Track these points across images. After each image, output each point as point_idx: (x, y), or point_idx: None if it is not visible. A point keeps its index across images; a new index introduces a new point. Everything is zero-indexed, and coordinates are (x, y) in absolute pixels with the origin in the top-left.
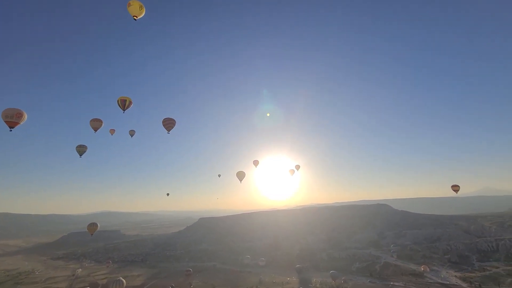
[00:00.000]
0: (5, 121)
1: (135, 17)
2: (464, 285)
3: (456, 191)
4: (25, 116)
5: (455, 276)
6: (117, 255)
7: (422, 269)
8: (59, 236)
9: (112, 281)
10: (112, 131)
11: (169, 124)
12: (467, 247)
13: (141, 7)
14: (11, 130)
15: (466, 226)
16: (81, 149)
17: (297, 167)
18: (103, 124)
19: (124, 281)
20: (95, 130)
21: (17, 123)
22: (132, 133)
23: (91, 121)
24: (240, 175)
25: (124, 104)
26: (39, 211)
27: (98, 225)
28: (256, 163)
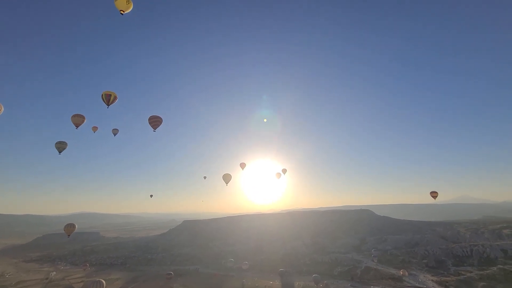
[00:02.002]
0: None
1: (122, 11)
2: None
3: (435, 197)
4: (2, 109)
5: (432, 280)
6: (95, 258)
7: (401, 273)
8: (34, 237)
9: (92, 282)
10: (95, 129)
11: (155, 122)
12: (443, 252)
13: (128, 1)
14: None
15: (443, 232)
16: (60, 146)
17: (284, 170)
18: (85, 120)
19: (104, 282)
20: (77, 127)
21: None
22: (115, 131)
23: (72, 116)
24: (226, 178)
25: (108, 99)
26: (12, 211)
27: (76, 226)
28: (243, 165)
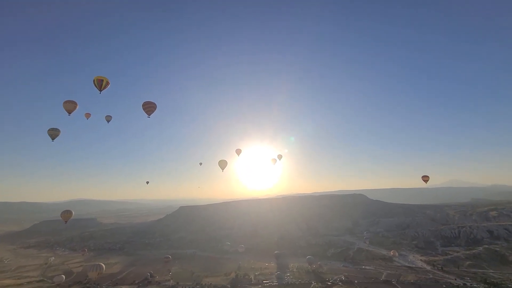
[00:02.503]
0: None
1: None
2: (428, 267)
3: (426, 181)
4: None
5: (421, 260)
6: (93, 243)
7: (392, 254)
8: (30, 224)
9: (91, 265)
10: (88, 115)
11: (149, 108)
12: (432, 233)
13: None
14: None
15: (433, 214)
16: (53, 133)
17: (279, 156)
18: (77, 107)
19: (103, 265)
20: (69, 113)
21: None
22: (108, 118)
23: (64, 103)
24: (222, 164)
25: (100, 84)
26: (7, 199)
27: (73, 212)
28: (238, 152)
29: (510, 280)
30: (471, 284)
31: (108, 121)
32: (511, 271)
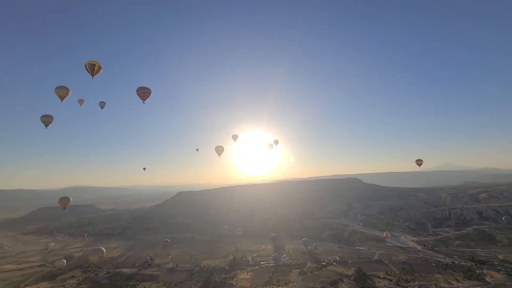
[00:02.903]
0: None
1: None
2: (419, 247)
3: (420, 165)
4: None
5: (412, 240)
6: (92, 229)
7: (384, 235)
8: (28, 211)
9: (92, 249)
10: (81, 101)
11: (144, 93)
12: (424, 215)
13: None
14: None
15: (425, 197)
16: (46, 120)
17: (276, 142)
18: (70, 93)
19: (104, 249)
20: (62, 99)
21: None
22: (102, 104)
23: (56, 88)
24: (219, 150)
25: (92, 69)
26: (3, 186)
27: (71, 199)
28: (235, 137)
29: (496, 258)
30: (459, 262)
31: (102, 107)
32: (497, 249)
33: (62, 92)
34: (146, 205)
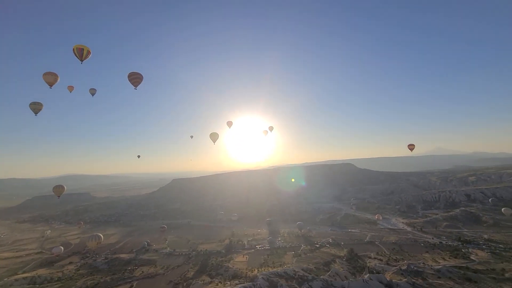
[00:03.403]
0: None
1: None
2: (408, 229)
3: (412, 149)
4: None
5: (402, 222)
6: (88, 216)
7: (376, 218)
8: (22, 200)
9: (90, 236)
10: (71, 88)
11: (135, 79)
12: (414, 198)
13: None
14: None
15: (416, 181)
16: (35, 107)
17: (271, 128)
18: (59, 79)
19: (102, 235)
20: (50, 86)
21: None
22: (92, 91)
23: (44, 75)
24: (214, 137)
25: (81, 54)
26: None
27: (65, 187)
28: (229, 124)
29: (482, 237)
30: (446, 242)
31: (92, 95)
32: (483, 229)
33: (50, 79)
34: (141, 192)
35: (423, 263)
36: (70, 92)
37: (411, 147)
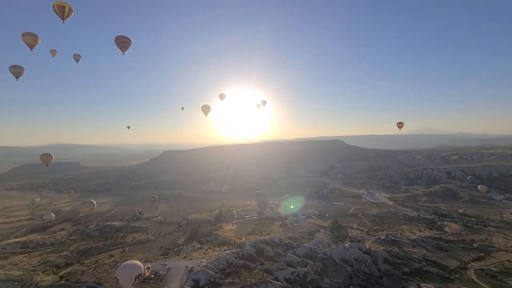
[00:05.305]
0: None
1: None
2: (390, 203)
3: (400, 127)
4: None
5: (385, 197)
6: (78, 185)
7: (361, 192)
8: (9, 168)
9: (83, 202)
10: (54, 52)
11: (123, 42)
12: (398, 175)
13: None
14: None
15: (401, 158)
16: (16, 71)
17: (264, 102)
18: (39, 41)
19: (95, 202)
20: (31, 48)
21: None
22: (77, 57)
23: (23, 35)
24: (205, 109)
25: (62, 12)
26: None
27: (53, 155)
28: (222, 96)
29: (457, 211)
30: (424, 215)
31: (77, 61)
32: (459, 204)
33: (30, 40)
34: (132, 163)
35: (401, 233)
36: (53, 56)
37: (400, 125)
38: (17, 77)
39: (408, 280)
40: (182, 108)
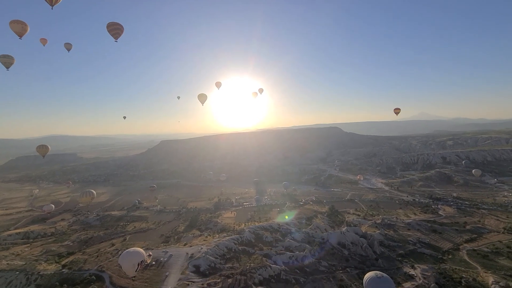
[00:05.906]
0: None
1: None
2: (386, 188)
3: (397, 113)
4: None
5: (381, 182)
6: (76, 176)
7: (357, 178)
8: (6, 160)
9: (83, 192)
10: (44, 41)
11: (115, 29)
12: (395, 160)
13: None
14: None
15: (398, 144)
16: (6, 60)
17: (260, 90)
18: (28, 29)
19: (94, 192)
20: (20, 36)
21: None
22: (68, 47)
23: (11, 23)
24: (202, 98)
25: None
26: None
27: (49, 147)
28: (218, 84)
29: (451, 195)
30: (419, 200)
31: (68, 50)
32: (453, 188)
33: (18, 28)
34: (130, 153)
35: (396, 217)
36: (44, 45)
37: (396, 110)
38: (7, 67)
39: (402, 261)
40: (178, 97)
